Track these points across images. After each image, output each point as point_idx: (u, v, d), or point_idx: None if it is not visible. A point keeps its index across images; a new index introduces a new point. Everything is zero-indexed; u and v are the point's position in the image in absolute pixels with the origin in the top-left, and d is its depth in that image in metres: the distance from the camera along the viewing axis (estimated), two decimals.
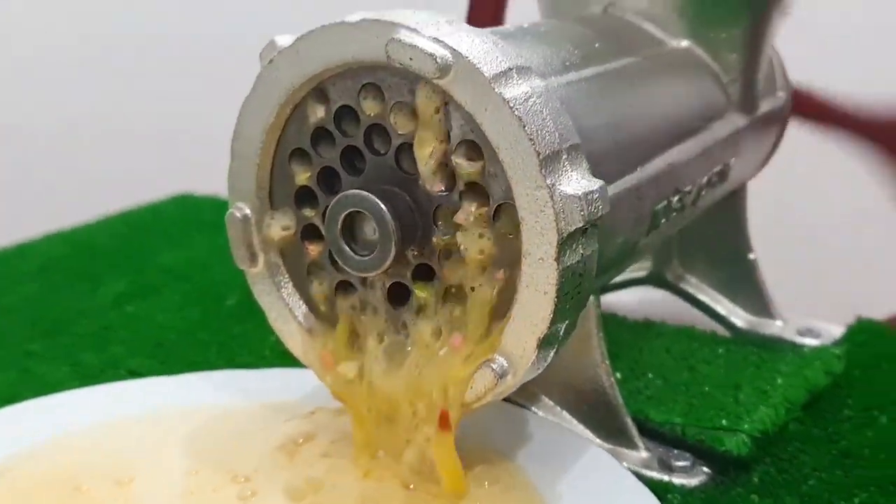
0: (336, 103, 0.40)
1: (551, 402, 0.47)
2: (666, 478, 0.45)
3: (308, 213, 0.42)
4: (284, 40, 0.40)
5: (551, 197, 0.36)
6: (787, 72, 0.57)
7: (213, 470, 0.42)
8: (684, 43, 0.50)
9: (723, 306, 0.59)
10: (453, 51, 0.36)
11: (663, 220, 0.46)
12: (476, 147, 0.37)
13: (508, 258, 0.38)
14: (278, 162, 0.42)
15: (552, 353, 0.39)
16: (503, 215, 0.38)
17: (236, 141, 0.42)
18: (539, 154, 0.36)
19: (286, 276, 0.44)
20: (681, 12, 0.50)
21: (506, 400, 0.47)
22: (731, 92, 0.51)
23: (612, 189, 0.40)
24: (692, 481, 0.45)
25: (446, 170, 0.38)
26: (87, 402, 0.47)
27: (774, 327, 0.58)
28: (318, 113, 0.41)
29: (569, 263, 0.37)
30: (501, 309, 0.39)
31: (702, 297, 0.60)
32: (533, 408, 0.47)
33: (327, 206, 0.40)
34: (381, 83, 0.39)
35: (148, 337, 0.59)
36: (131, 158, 1.00)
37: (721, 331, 0.59)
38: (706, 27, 0.50)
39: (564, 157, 0.36)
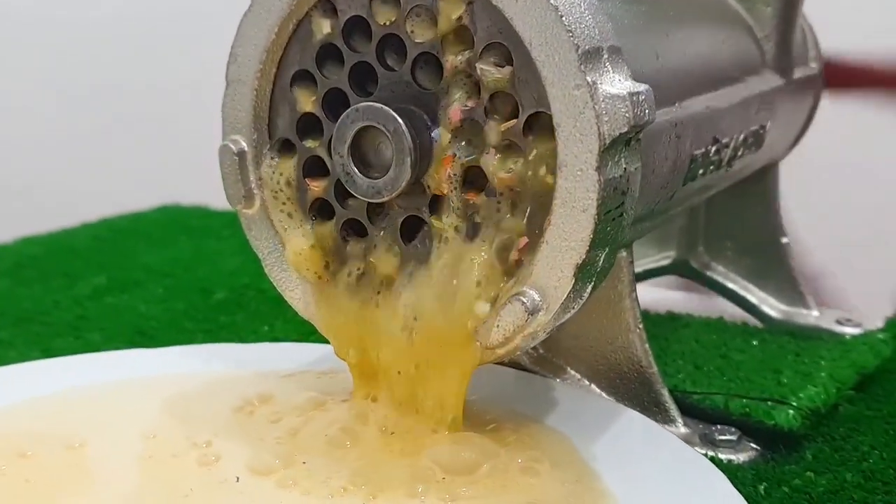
0: (345, 14, 0.36)
1: (578, 375, 0.43)
2: (710, 453, 0.40)
3: (311, 143, 0.38)
4: None
5: (592, 96, 0.31)
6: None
7: (170, 433, 0.37)
8: None
9: (754, 295, 0.55)
10: None
11: (700, 172, 0.42)
12: (504, 51, 0.33)
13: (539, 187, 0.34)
14: (279, 87, 0.38)
15: (589, 289, 0.34)
16: (535, 129, 0.33)
17: (232, 65, 0.38)
18: (578, 48, 0.31)
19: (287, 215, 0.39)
20: None
21: (528, 371, 0.43)
22: (766, 49, 0.47)
23: None
24: (740, 457, 0.40)
25: (470, 80, 0.34)
26: (40, 372, 0.42)
27: (811, 317, 0.54)
28: (324, 28, 0.36)
29: (611, 176, 0.32)
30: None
31: (731, 286, 0.55)
32: (558, 380, 0.42)
33: (333, 134, 0.36)
34: None
35: (128, 325, 0.54)
36: (116, 168, 0.96)
37: (753, 322, 0.55)
38: None
39: (605, 55, 0.32)
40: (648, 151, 0.35)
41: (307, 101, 0.37)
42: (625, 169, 0.33)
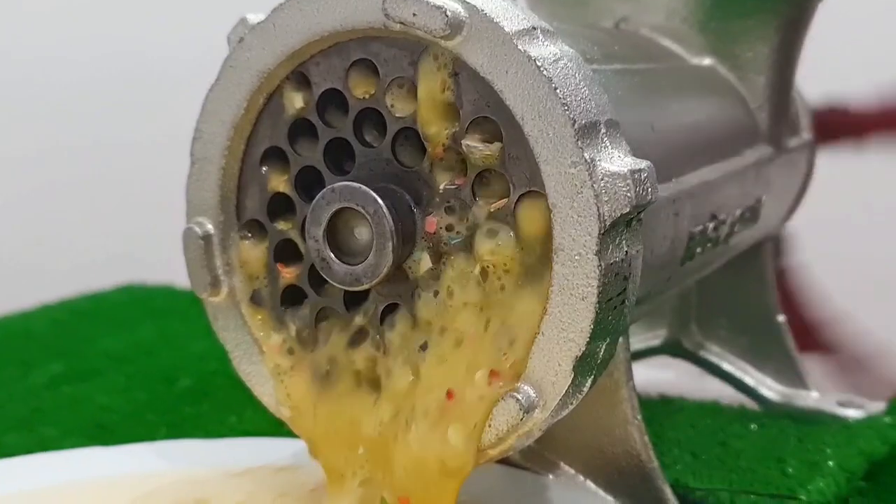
0: (320, 87, 0.33)
1: (572, 471, 0.39)
2: None
3: (283, 226, 0.35)
4: (257, 17, 0.34)
5: (590, 175, 0.29)
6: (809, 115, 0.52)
7: None
8: (707, 61, 0.44)
9: (750, 376, 0.52)
10: (466, 3, 0.30)
11: (698, 250, 0.40)
12: (492, 126, 0.31)
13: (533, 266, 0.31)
14: (248, 165, 0.35)
15: (589, 383, 0.31)
16: (525, 209, 0.31)
17: (197, 142, 0.35)
18: (574, 122, 0.29)
19: (255, 305, 0.36)
20: (702, 27, 0.44)
21: (519, 467, 0.40)
22: (760, 120, 0.45)
23: None
24: None
25: (455, 157, 0.31)
26: None
27: (810, 399, 0.51)
28: (296, 102, 0.34)
29: (612, 261, 0.30)
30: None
31: (726, 367, 0.52)
32: (551, 476, 0.39)
33: (306, 217, 0.33)
34: (375, 57, 0.32)
35: (86, 418, 0.50)
36: (77, 245, 0.92)
37: (749, 404, 0.52)
38: (730, 44, 0.44)
39: (603, 130, 0.30)
40: (646, 231, 0.33)
41: (278, 181, 0.35)
42: (626, 252, 0.30)
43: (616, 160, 0.29)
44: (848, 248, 0.73)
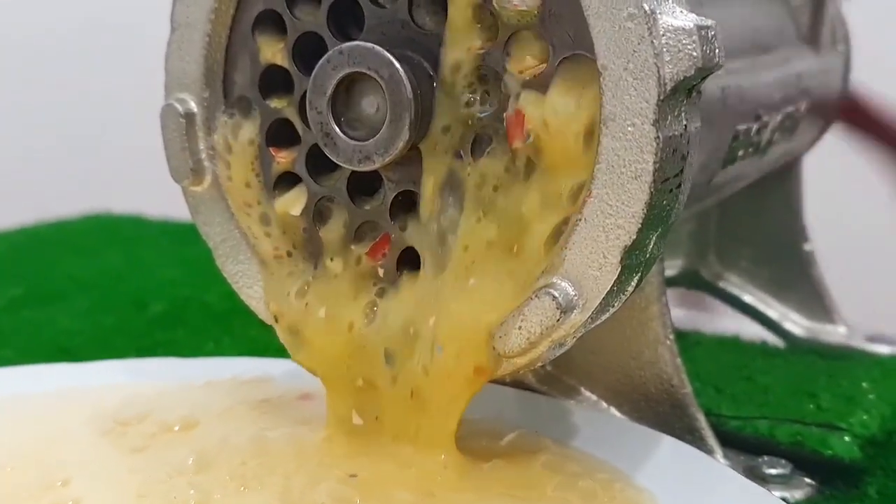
0: None
1: (594, 397, 0.35)
2: None
3: (277, 103, 0.30)
4: None
5: (650, 30, 0.24)
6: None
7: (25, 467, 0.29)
8: None
9: (774, 310, 0.48)
10: None
11: (740, 153, 0.35)
12: None
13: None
14: (238, 32, 0.30)
15: (634, 283, 0.27)
16: (567, 75, 0.26)
17: (179, 3, 0.30)
18: None
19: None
20: None
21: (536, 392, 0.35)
22: (800, 22, 0.41)
23: None
24: (795, 493, 0.33)
25: (485, 17, 0.27)
26: None
27: (837, 334, 0.47)
28: None
29: (671, 133, 0.25)
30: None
31: (747, 299, 0.48)
32: (572, 402, 0.35)
33: (305, 92, 0.28)
34: None
35: (47, 342, 0.46)
36: (37, 170, 0.87)
37: (772, 340, 0.48)
38: None
39: None
40: None
41: (273, 50, 0.30)
42: (685, 126, 0.26)
43: (679, 14, 0.25)
44: None
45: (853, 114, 0.55)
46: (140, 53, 0.74)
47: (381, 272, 0.29)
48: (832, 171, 0.55)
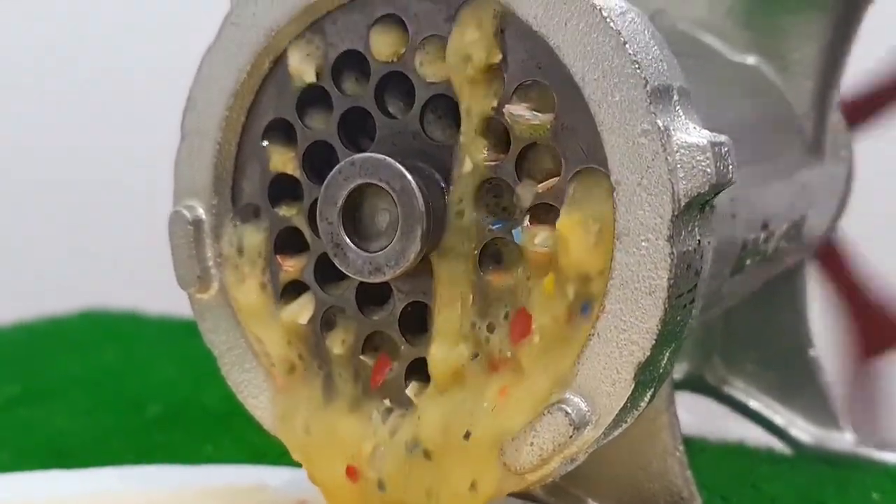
0: (336, 48, 0.29)
1: None
2: None
3: (286, 211, 0.30)
4: None
5: (664, 146, 0.24)
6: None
7: None
8: (751, 60, 0.40)
9: (780, 416, 0.47)
10: None
11: (748, 262, 0.35)
12: (542, 92, 0.26)
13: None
14: (248, 140, 0.30)
15: (647, 398, 0.27)
16: (580, 189, 0.26)
17: (190, 112, 0.30)
18: (647, 83, 0.24)
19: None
20: (747, 22, 0.40)
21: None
22: (806, 127, 0.41)
23: None
24: None
25: (497, 129, 0.27)
26: None
27: (845, 441, 0.46)
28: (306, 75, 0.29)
29: (685, 249, 0.25)
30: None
31: (753, 405, 0.48)
32: None
33: (315, 201, 0.28)
34: (404, 12, 0.28)
35: (44, 443, 0.45)
36: (33, 265, 0.86)
37: (778, 446, 0.47)
38: (777, 42, 0.40)
39: (675, 97, 0.25)
40: None
41: (283, 159, 0.30)
42: (699, 241, 0.26)
43: (692, 131, 0.25)
44: None
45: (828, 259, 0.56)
46: (139, 148, 0.75)
47: (387, 388, 0.29)
48: None
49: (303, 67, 0.29)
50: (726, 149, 0.25)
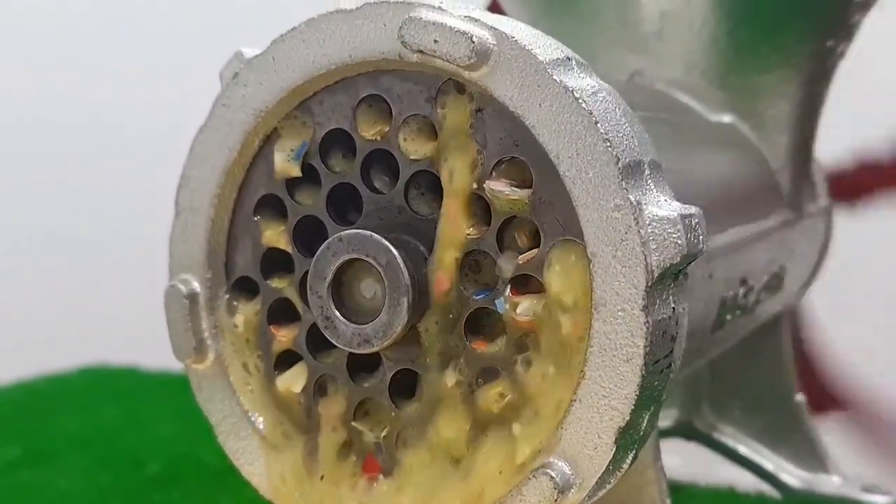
0: (323, 127, 0.30)
1: None
2: None
3: (278, 283, 0.31)
4: (254, 51, 0.30)
5: (636, 220, 0.25)
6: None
7: None
8: (726, 118, 0.42)
9: (769, 461, 0.48)
10: (494, 30, 0.27)
11: (728, 317, 0.36)
12: (520, 168, 0.27)
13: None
14: (240, 215, 0.31)
15: (629, 459, 0.28)
16: (558, 260, 0.27)
17: (184, 189, 0.32)
18: (618, 160, 0.26)
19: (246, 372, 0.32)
20: (722, 82, 0.41)
21: None
22: (782, 181, 0.42)
23: None
24: None
25: (479, 204, 0.28)
26: None
27: (832, 485, 0.47)
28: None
29: (660, 317, 0.26)
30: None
31: (742, 451, 0.49)
32: None
33: (305, 273, 0.29)
34: (387, 93, 0.29)
35: None
36: (33, 323, 0.87)
37: (768, 490, 0.48)
38: (752, 100, 0.42)
39: (647, 171, 0.27)
40: None
41: (274, 233, 0.31)
42: (673, 309, 0.27)
43: (663, 204, 0.26)
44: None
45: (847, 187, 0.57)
46: (138, 204, 0.76)
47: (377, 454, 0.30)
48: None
49: (287, 166, 0.30)
50: (696, 220, 0.26)
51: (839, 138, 0.48)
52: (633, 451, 0.27)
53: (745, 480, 0.49)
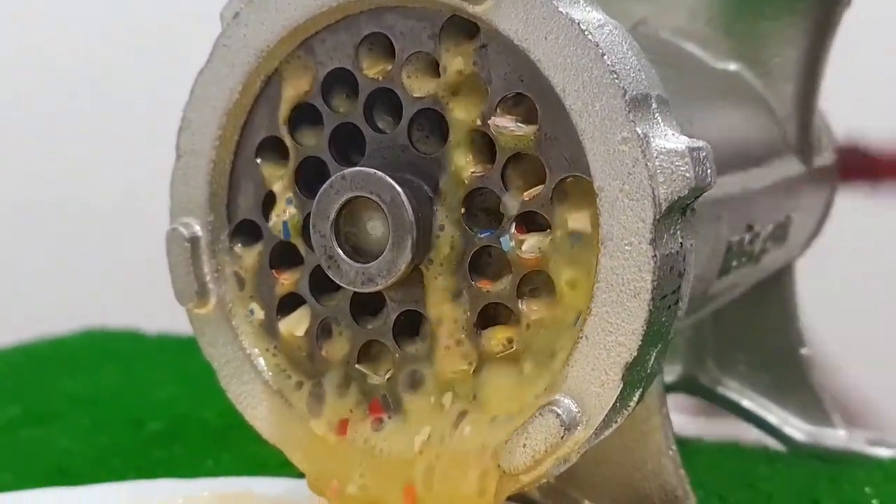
0: (325, 67, 0.30)
1: None
2: None
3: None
4: None
5: (644, 152, 0.25)
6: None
7: None
8: (732, 66, 0.41)
9: (774, 414, 0.48)
10: None
11: (734, 263, 0.36)
12: (525, 103, 0.27)
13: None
14: (241, 158, 0.31)
15: (637, 397, 0.27)
16: (565, 196, 0.27)
17: (184, 132, 0.31)
18: (625, 92, 0.25)
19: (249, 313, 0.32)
20: (727, 29, 0.41)
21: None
22: (788, 131, 0.42)
23: None
24: None
25: (482, 140, 0.28)
26: None
27: (838, 438, 0.47)
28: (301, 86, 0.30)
29: (667, 252, 0.26)
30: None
31: (746, 405, 0.48)
32: None
33: (308, 214, 0.29)
34: (390, 31, 0.29)
35: (46, 462, 0.45)
36: (32, 287, 0.87)
37: (773, 444, 0.48)
38: (758, 48, 0.41)
39: (654, 105, 0.26)
40: None
41: (275, 175, 0.31)
42: (681, 244, 0.26)
43: (671, 137, 0.26)
44: None
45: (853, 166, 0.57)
46: (137, 169, 0.76)
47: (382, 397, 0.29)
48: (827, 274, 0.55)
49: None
50: (704, 153, 0.26)
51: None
52: (640, 389, 0.27)
53: (749, 435, 0.49)
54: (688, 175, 0.25)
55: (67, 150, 0.90)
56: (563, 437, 0.26)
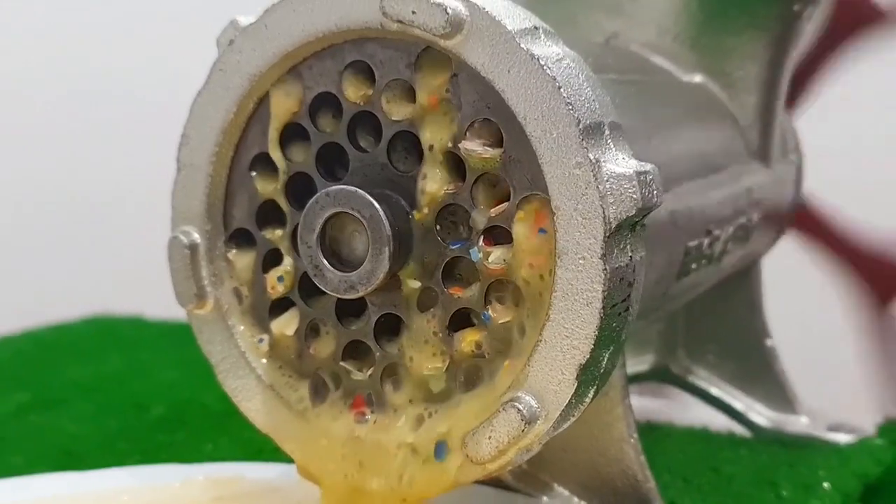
0: (312, 91, 0.32)
1: (567, 492, 0.38)
2: None
3: (271, 235, 0.34)
4: (248, 19, 0.33)
5: (595, 176, 0.28)
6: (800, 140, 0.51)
7: None
8: (697, 78, 0.44)
9: (740, 401, 0.51)
10: (467, 2, 0.29)
11: (693, 266, 0.39)
12: (492, 128, 0.30)
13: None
14: (236, 172, 0.34)
15: (591, 394, 0.30)
16: (526, 213, 0.30)
17: (184, 147, 0.34)
18: (579, 122, 0.28)
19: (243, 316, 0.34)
20: (693, 43, 0.44)
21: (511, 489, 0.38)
22: (750, 139, 0.45)
23: None
24: None
25: (453, 160, 0.31)
26: None
27: (800, 424, 0.50)
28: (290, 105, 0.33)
29: (617, 265, 0.29)
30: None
31: (714, 392, 0.51)
32: (545, 498, 0.38)
33: (297, 225, 0.32)
34: (371, 59, 0.31)
35: (54, 446, 0.48)
36: (38, 274, 0.90)
37: (739, 430, 0.51)
38: (721, 61, 0.44)
39: (607, 132, 0.29)
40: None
41: (268, 188, 0.33)
42: (630, 257, 0.29)
43: (621, 161, 0.29)
44: None
45: (806, 221, 0.60)
46: (141, 158, 0.78)
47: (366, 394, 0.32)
48: (792, 269, 0.58)
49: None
50: (651, 176, 0.29)
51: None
52: (594, 387, 0.30)
53: (717, 421, 0.52)
54: (635, 196, 0.28)
55: (72, 138, 0.93)
56: (524, 430, 0.29)
